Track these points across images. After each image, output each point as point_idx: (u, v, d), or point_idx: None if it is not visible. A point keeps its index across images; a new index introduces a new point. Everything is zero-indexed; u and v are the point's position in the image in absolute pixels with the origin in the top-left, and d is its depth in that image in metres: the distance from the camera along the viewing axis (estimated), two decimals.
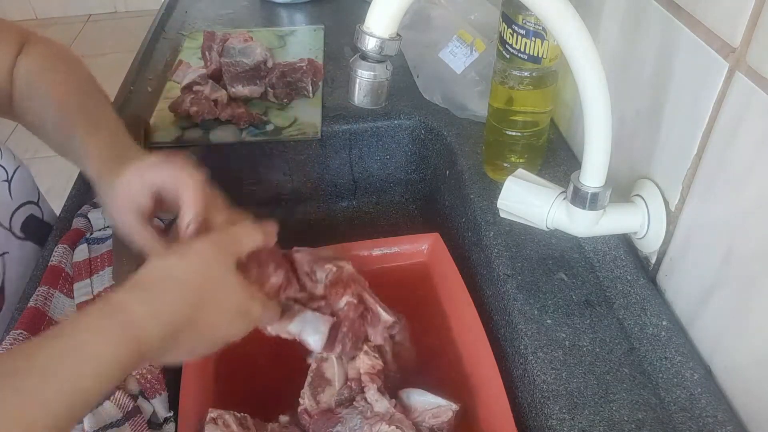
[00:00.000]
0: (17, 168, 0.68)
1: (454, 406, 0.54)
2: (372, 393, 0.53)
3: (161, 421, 0.54)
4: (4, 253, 0.63)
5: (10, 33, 0.60)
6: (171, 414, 0.54)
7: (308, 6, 1.17)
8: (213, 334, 0.46)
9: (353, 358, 0.56)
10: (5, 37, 0.60)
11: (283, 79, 0.86)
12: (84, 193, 0.74)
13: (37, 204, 0.71)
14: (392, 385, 0.57)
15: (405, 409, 0.54)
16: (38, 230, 0.69)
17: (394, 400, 0.54)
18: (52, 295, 0.60)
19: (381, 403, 0.53)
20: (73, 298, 0.61)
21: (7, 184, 0.65)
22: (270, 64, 0.88)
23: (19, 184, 0.68)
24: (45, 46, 0.61)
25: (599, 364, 0.52)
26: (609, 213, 0.55)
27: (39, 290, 0.60)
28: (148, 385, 0.53)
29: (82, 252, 0.64)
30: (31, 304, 0.59)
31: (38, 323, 0.58)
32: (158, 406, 0.54)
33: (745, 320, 0.47)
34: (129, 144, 0.54)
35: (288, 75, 0.86)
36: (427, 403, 0.55)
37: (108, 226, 0.67)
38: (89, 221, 0.68)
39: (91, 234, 0.66)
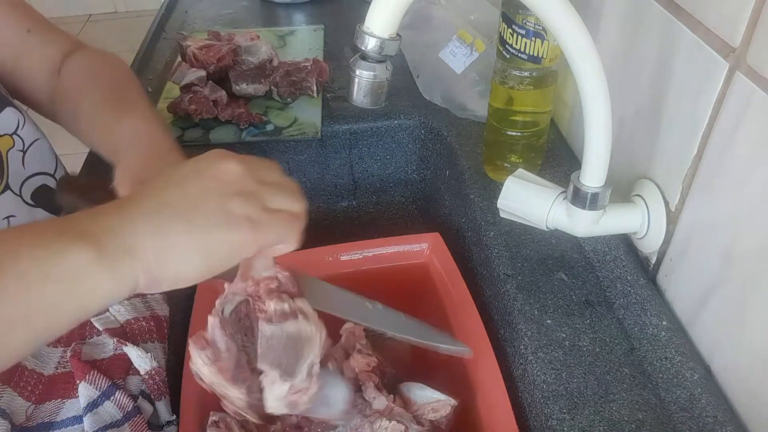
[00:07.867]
0: (36, 140, 0.71)
1: (453, 402, 0.54)
2: (369, 391, 0.53)
3: (163, 423, 0.54)
4: (9, 216, 0.68)
5: (61, 37, 0.70)
6: (174, 417, 0.54)
7: (308, 6, 1.17)
8: (201, 208, 0.40)
9: (347, 357, 0.56)
10: (56, 39, 0.69)
11: (287, 78, 0.86)
12: None
13: (52, 176, 0.75)
14: (391, 380, 0.57)
15: (405, 402, 0.54)
16: (51, 199, 0.73)
17: (392, 396, 0.54)
18: None
19: (379, 400, 0.53)
20: None
21: (21, 153, 0.69)
22: (275, 62, 0.88)
23: (35, 154, 0.71)
24: (94, 52, 0.69)
25: (599, 364, 0.52)
26: (609, 213, 0.55)
27: None
28: (155, 387, 0.53)
29: None
30: None
31: None
32: (162, 409, 0.53)
33: (745, 320, 0.47)
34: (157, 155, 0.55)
35: (293, 74, 0.86)
36: (426, 397, 0.55)
37: None
38: None
39: None
